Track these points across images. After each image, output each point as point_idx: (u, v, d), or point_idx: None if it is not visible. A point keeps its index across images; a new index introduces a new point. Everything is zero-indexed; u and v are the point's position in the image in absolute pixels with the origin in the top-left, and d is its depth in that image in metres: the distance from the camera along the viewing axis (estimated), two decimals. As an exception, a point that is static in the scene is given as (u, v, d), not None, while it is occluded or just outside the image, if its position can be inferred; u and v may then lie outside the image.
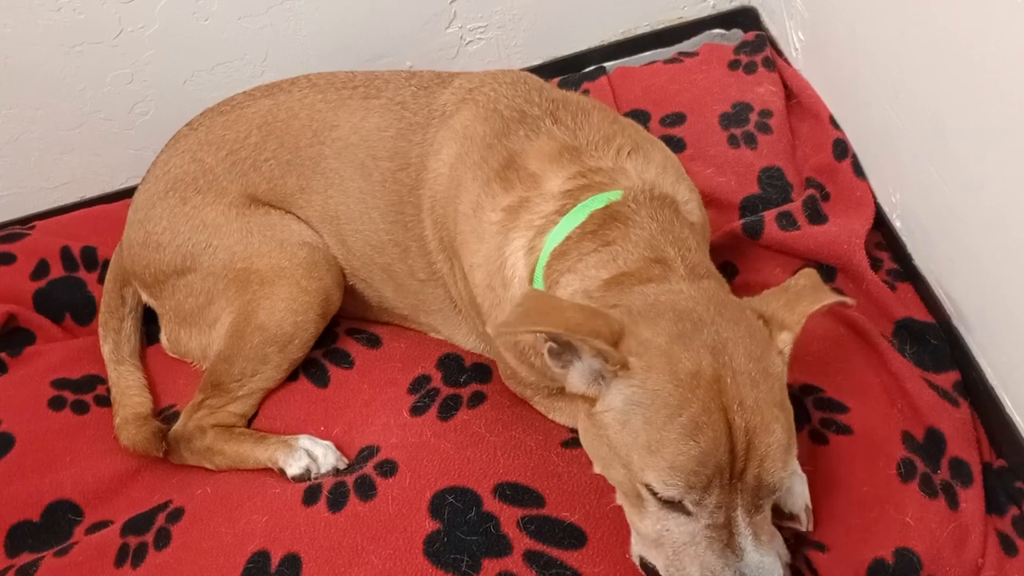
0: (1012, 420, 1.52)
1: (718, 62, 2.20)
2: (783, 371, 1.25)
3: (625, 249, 1.37)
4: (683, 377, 1.18)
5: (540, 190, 1.48)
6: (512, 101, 1.60)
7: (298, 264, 1.71)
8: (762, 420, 1.17)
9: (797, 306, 1.29)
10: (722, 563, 1.19)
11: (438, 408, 1.68)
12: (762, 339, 1.25)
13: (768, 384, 1.20)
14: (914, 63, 1.58)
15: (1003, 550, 1.44)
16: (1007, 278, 1.44)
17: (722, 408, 1.17)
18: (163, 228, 1.76)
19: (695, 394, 1.17)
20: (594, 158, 1.50)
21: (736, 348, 1.20)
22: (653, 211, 1.41)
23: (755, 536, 1.19)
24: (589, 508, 1.49)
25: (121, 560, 1.57)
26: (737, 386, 1.18)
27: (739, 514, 1.19)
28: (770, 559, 1.20)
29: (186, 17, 2.09)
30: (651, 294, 1.29)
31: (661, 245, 1.37)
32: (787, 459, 1.19)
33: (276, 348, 1.71)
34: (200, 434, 1.69)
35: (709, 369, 1.18)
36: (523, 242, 1.47)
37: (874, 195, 1.84)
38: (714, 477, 1.16)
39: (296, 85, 1.83)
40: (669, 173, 1.53)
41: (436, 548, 1.46)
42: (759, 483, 1.18)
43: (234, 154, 1.77)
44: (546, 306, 1.25)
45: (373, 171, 1.70)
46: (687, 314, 1.23)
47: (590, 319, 1.21)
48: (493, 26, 2.32)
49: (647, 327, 1.22)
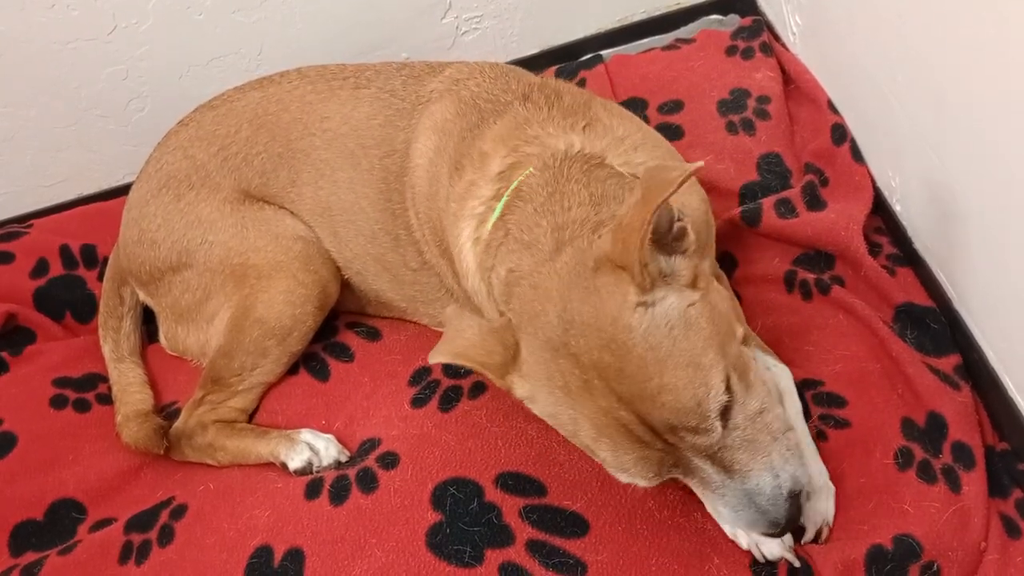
0: (1014, 402, 1.52)
1: (715, 48, 2.19)
2: (647, 323, 1.13)
3: (513, 238, 1.33)
4: (560, 396, 1.19)
5: (484, 172, 1.45)
6: (491, 94, 1.57)
7: (294, 257, 1.71)
8: (646, 402, 1.13)
9: (629, 239, 1.12)
10: (722, 503, 1.22)
11: (439, 399, 1.68)
12: (611, 310, 1.14)
13: (635, 356, 1.12)
14: (912, 46, 1.57)
15: (1006, 532, 1.44)
16: (1009, 260, 1.43)
17: (603, 411, 1.16)
18: (157, 225, 1.76)
19: (577, 409, 1.18)
20: (536, 127, 1.45)
21: (591, 340, 1.14)
22: (552, 176, 1.35)
23: (727, 466, 1.19)
24: (591, 496, 1.49)
25: (125, 557, 1.57)
26: (606, 382, 1.14)
27: (695, 459, 1.18)
28: (759, 474, 1.20)
29: (180, 12, 2.09)
30: (524, 295, 1.25)
31: (535, 222, 1.31)
32: (696, 401, 1.13)
33: (275, 341, 1.71)
34: (201, 431, 1.69)
35: (575, 379, 1.17)
36: (469, 232, 1.45)
37: (873, 179, 1.83)
38: (643, 458, 1.17)
39: (286, 78, 1.82)
40: (627, 142, 1.45)
41: (438, 539, 1.47)
42: (685, 434, 1.15)
43: (225, 149, 1.77)
44: (454, 333, 1.27)
45: (362, 159, 1.69)
46: (543, 316, 1.20)
47: (483, 343, 1.23)
48: (489, 16, 2.31)
49: (524, 342, 1.23)
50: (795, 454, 1.25)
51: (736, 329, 1.25)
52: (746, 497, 1.21)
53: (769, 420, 1.23)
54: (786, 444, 1.24)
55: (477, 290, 1.47)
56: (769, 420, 1.23)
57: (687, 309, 1.16)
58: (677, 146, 2.00)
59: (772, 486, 1.21)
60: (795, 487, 1.23)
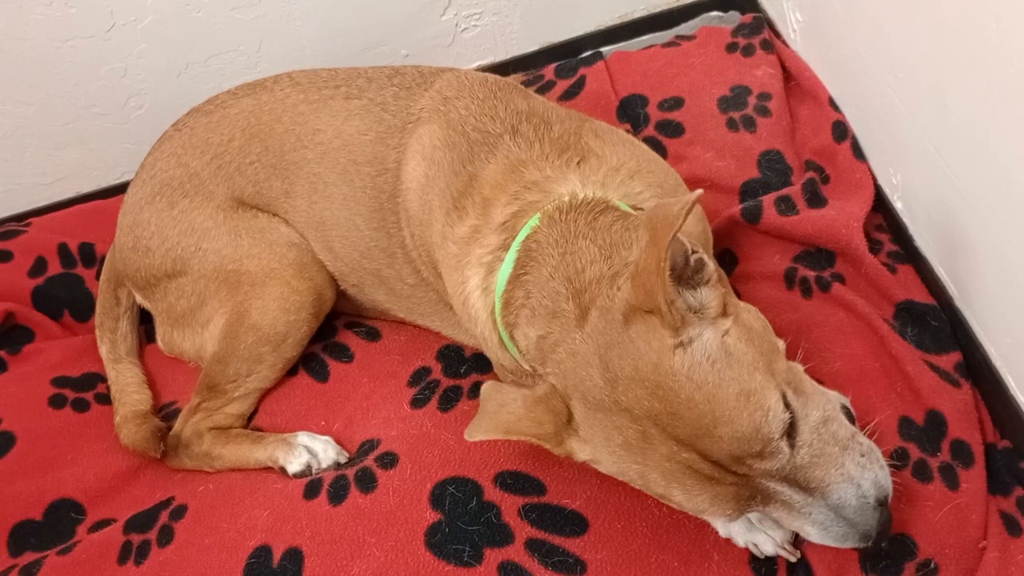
0: (1016, 400, 1.51)
1: (716, 45, 2.18)
2: (688, 362, 1.14)
3: (537, 302, 1.32)
4: (622, 452, 1.19)
5: (488, 218, 1.44)
6: (479, 121, 1.54)
7: (288, 264, 1.71)
8: (705, 439, 1.12)
9: (649, 283, 1.13)
10: (810, 523, 1.19)
11: (439, 400, 1.68)
12: (651, 358, 1.15)
13: (684, 398, 1.12)
14: (914, 42, 1.56)
15: (1007, 530, 1.43)
16: (1011, 256, 1.42)
17: (666, 457, 1.15)
18: (151, 233, 1.76)
19: (641, 461, 1.17)
20: (534, 170, 1.44)
21: (638, 392, 1.15)
22: (562, 232, 1.34)
23: (804, 485, 1.16)
24: (590, 494, 1.49)
25: (124, 558, 1.57)
26: (662, 428, 1.14)
27: (771, 484, 1.16)
28: (840, 487, 1.17)
29: (178, 9, 2.08)
30: (564, 363, 1.25)
31: (553, 289, 1.31)
32: (754, 427, 1.12)
33: (270, 347, 1.70)
34: (197, 439, 1.69)
35: (632, 433, 1.17)
36: (477, 281, 1.44)
37: (874, 177, 1.82)
38: (717, 495, 1.16)
39: (278, 84, 1.80)
40: (623, 171, 1.46)
41: (437, 539, 1.47)
42: (752, 461, 1.14)
43: (219, 158, 1.76)
44: (496, 407, 1.27)
45: (355, 177, 1.68)
46: (588, 381, 1.21)
47: (531, 413, 1.24)
48: (488, 12, 2.30)
49: (575, 408, 1.23)
50: (871, 459, 1.22)
51: (777, 343, 1.25)
52: (833, 512, 1.18)
53: (835, 429, 1.21)
54: (858, 451, 1.22)
55: (487, 338, 1.47)
56: (835, 429, 1.21)
57: (724, 339, 1.16)
58: (678, 143, 2.00)
59: (856, 496, 1.18)
60: (880, 494, 1.21)
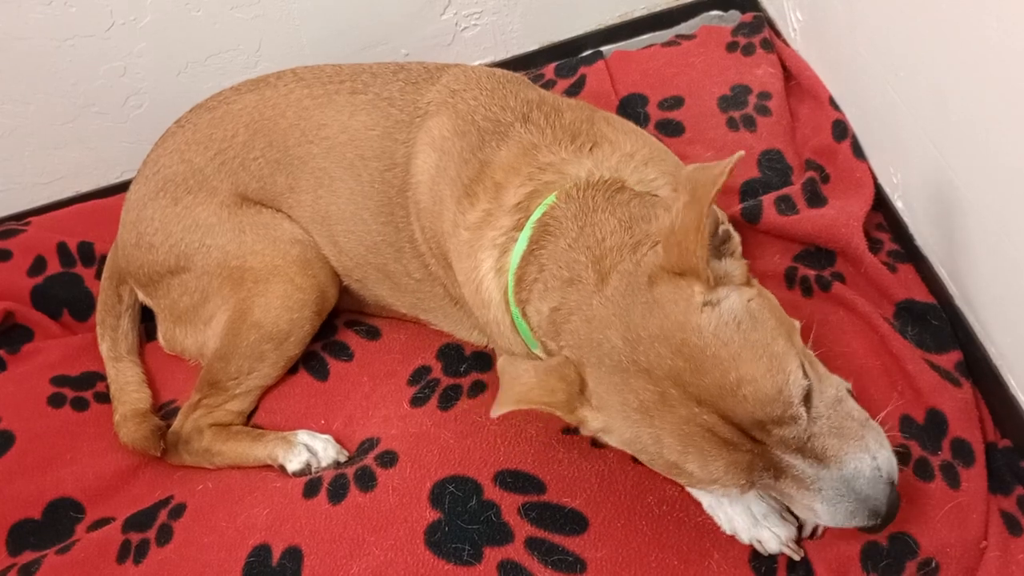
0: (1016, 399, 1.51)
1: (716, 44, 2.18)
2: (715, 321, 1.15)
3: (551, 274, 1.32)
4: (638, 417, 1.17)
5: (500, 201, 1.44)
6: (489, 111, 1.55)
7: (292, 261, 1.70)
8: (728, 398, 1.12)
9: (686, 241, 1.14)
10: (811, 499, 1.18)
11: (438, 398, 1.67)
12: (677, 316, 1.15)
13: (709, 355, 1.13)
14: (914, 41, 1.56)
15: (1007, 529, 1.43)
16: (1011, 255, 1.42)
17: (685, 419, 1.14)
18: (155, 229, 1.75)
19: (657, 426, 1.16)
20: (547, 153, 1.44)
21: (661, 350, 1.14)
22: (578, 208, 1.35)
23: (820, 455, 1.15)
24: (590, 493, 1.49)
25: (123, 557, 1.57)
26: (683, 389, 1.14)
27: (785, 456, 1.15)
28: (857, 456, 1.17)
29: (178, 8, 2.08)
30: (578, 330, 1.25)
31: (572, 258, 1.31)
32: (777, 388, 1.12)
33: (272, 345, 1.70)
34: (198, 435, 1.69)
35: (650, 395, 1.16)
36: (491, 263, 1.44)
37: (874, 176, 1.82)
38: (732, 462, 1.14)
39: (282, 79, 1.80)
40: (636, 158, 1.46)
41: (437, 538, 1.46)
42: (772, 427, 1.13)
43: (222, 153, 1.76)
44: (510, 380, 1.26)
45: (362, 171, 1.68)
46: (606, 344, 1.20)
47: (543, 382, 1.22)
48: (488, 11, 2.30)
49: (590, 375, 1.22)
50: (883, 441, 1.22)
51: (793, 322, 1.25)
52: (844, 485, 1.17)
53: (850, 408, 1.22)
54: (876, 430, 1.22)
55: (499, 321, 1.46)
56: (850, 408, 1.22)
57: (749, 303, 1.18)
58: (678, 142, 2.00)
59: (871, 467, 1.17)
60: (892, 473, 1.20)
